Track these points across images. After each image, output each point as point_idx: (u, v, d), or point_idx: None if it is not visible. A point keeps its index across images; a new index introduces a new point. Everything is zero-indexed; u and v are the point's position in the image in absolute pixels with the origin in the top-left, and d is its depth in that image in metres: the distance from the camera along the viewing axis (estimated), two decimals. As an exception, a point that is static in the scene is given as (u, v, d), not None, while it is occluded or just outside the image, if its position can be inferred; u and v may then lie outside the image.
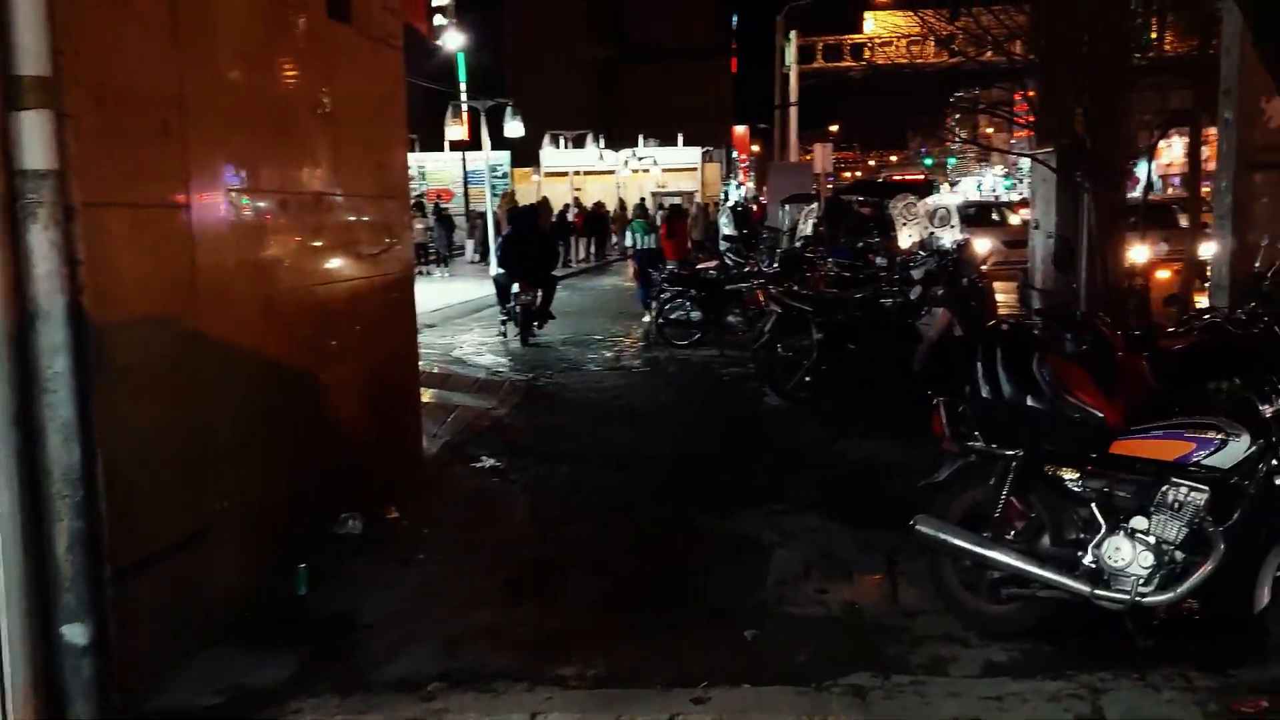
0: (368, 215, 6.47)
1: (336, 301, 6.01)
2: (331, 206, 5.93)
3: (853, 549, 5.45)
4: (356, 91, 6.30)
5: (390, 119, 6.87)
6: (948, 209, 16.65)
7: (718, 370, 11.42)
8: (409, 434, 7.23)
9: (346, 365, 6.13)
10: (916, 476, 6.67)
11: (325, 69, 5.85)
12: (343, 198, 6.08)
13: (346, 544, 5.67)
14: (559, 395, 10.05)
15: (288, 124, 5.42)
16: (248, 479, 4.95)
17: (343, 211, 6.09)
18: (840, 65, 42.76)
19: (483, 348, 13.57)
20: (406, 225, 7.24)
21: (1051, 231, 11.68)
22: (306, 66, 5.62)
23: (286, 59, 5.41)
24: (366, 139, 6.47)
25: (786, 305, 8.84)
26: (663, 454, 7.67)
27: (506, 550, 5.64)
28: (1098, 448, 4.05)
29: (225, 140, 4.77)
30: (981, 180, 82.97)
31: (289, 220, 5.43)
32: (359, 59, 6.35)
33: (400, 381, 7.06)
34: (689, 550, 5.57)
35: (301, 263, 5.59)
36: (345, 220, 6.12)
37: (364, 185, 6.41)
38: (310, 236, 5.68)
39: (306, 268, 5.65)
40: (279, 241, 5.33)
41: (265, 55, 5.18)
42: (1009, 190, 77.44)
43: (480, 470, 7.23)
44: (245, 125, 4.95)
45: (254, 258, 5.05)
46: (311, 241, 5.70)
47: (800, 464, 7.21)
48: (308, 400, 5.69)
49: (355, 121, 6.27)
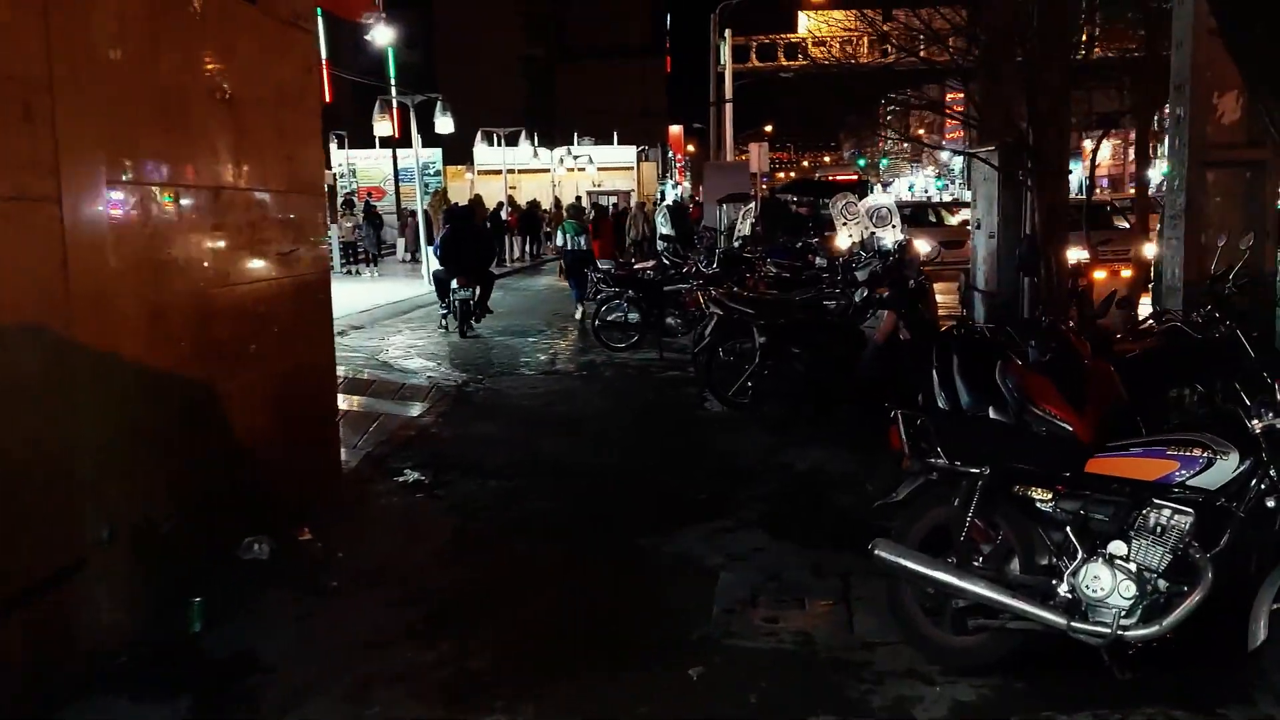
0: (277, 211, 5.95)
1: (240, 306, 5.49)
2: (233, 202, 5.41)
3: (803, 571, 5.07)
4: (262, 77, 5.79)
5: (303, 108, 6.34)
6: (889, 208, 16.39)
7: (656, 374, 11.03)
8: (325, 447, 6.71)
9: (252, 374, 5.62)
10: (867, 489, 6.43)
11: (225, 51, 5.33)
12: (247, 192, 5.56)
13: (252, 571, 5.17)
14: (490, 402, 9.57)
15: (180, 110, 4.90)
16: (133, 504, 4.44)
17: (247, 207, 5.57)
18: (774, 65, 42.65)
19: (411, 350, 13.03)
20: (323, 223, 6.72)
21: (993, 231, 11.47)
22: (202, 47, 5.11)
23: (178, 38, 4.90)
24: (275, 129, 5.96)
25: (727, 308, 8.47)
26: (600, 466, 7.25)
27: (428, 577, 5.17)
28: (1071, 466, 3.71)
29: (104, 127, 4.25)
30: (914, 181, 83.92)
31: (182, 217, 4.91)
32: (265, 41, 5.84)
33: (315, 390, 6.55)
34: (628, 575, 5.15)
35: (198, 264, 5.08)
36: (250, 217, 5.60)
37: (272, 179, 5.90)
38: (208, 235, 5.16)
39: (204, 269, 5.13)
40: (170, 240, 4.81)
41: (152, 33, 4.65)
42: (941, 190, 78.39)
43: (403, 486, 6.75)
44: (128, 111, 4.44)
45: (140, 258, 4.53)
46: (209, 240, 5.18)
47: (745, 475, 6.83)
48: (206, 414, 5.17)
49: (261, 109, 5.76)
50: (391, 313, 17.34)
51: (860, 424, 7.91)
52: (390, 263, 29.08)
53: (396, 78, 26.14)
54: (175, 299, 4.86)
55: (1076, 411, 3.99)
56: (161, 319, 4.72)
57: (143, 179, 4.55)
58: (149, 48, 4.63)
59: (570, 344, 13.59)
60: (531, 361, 12.05)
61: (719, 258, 13.10)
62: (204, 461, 5.10)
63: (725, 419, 8.55)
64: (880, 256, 11.08)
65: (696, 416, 8.83)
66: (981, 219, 12.02)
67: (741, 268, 13.12)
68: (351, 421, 8.22)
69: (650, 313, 12.38)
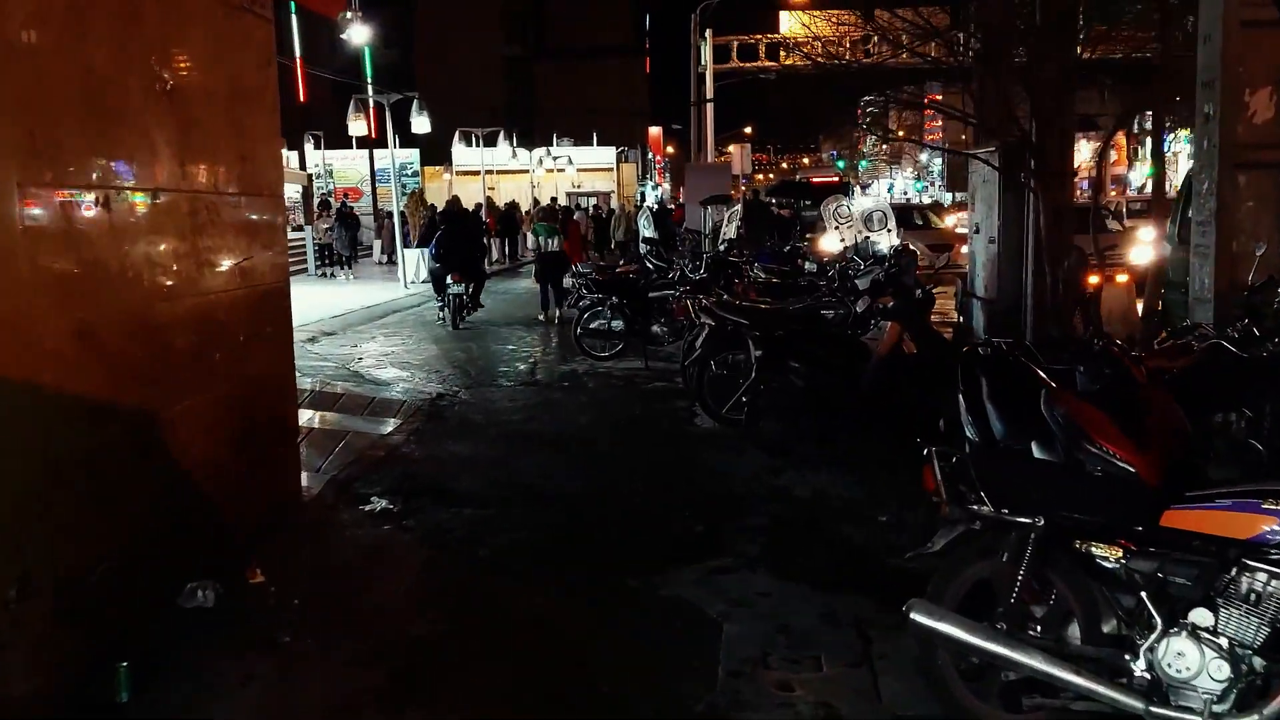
0: (229, 216, 5.36)
1: (185, 321, 4.91)
2: (176, 206, 4.82)
3: (815, 620, 4.53)
4: (212, 67, 5.21)
5: (260, 104, 5.76)
6: (883, 212, 15.84)
7: (642, 386, 10.47)
8: (283, 473, 6.13)
9: (199, 396, 5.04)
10: (876, 520, 5.91)
11: (167, 37, 4.76)
12: (193, 195, 4.97)
13: (195, 621, 4.59)
14: (466, 417, 8.98)
15: (112, 103, 4.31)
16: (49, 552, 3.86)
17: (193, 212, 4.98)
18: (755, 65, 42.16)
19: (385, 359, 12.44)
20: (282, 228, 6.13)
21: (994, 236, 10.98)
22: (139, 32, 4.52)
23: (110, 21, 4.31)
24: (228, 125, 5.38)
25: (720, 318, 7.91)
26: (583, 491, 6.69)
27: (394, 626, 4.60)
28: (1142, 518, 3.18)
29: (15, 121, 3.66)
30: (893, 182, 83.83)
31: (115, 223, 4.32)
32: (216, 28, 5.26)
33: (272, 411, 5.96)
34: (619, 625, 4.59)
35: (135, 275, 4.49)
36: (197, 222, 5.01)
37: (223, 180, 5.32)
38: (146, 243, 4.58)
39: (142, 281, 4.55)
40: (101, 249, 4.23)
41: (77, 14, 4.07)
42: (920, 192, 78.27)
43: (369, 515, 6.16)
44: (47, 102, 3.85)
45: (63, 270, 3.95)
46: (148, 249, 4.59)
47: (742, 503, 6.29)
48: (144, 443, 4.59)
49: (211, 104, 5.18)
50: (366, 318, 16.74)
51: (863, 443, 7.40)
52: (366, 264, 28.43)
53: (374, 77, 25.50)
54: (107, 315, 4.27)
55: (1139, 449, 3.46)
56: (90, 338, 4.13)
57: (65, 180, 3.96)
58: (73, 31, 4.04)
59: (551, 352, 13.02)
60: (511, 371, 11.48)
61: (706, 262, 12.54)
62: (142, 497, 4.52)
63: (718, 436, 8.00)
64: (876, 261, 10.58)
65: (686, 433, 8.28)
66: (981, 223, 11.53)
67: (729, 272, 12.58)
68: (316, 441, 7.63)
69: (635, 320, 11.83)
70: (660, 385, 10.38)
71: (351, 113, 22.25)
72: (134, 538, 4.41)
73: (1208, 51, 6.61)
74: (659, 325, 11.98)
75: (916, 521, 5.54)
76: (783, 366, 7.59)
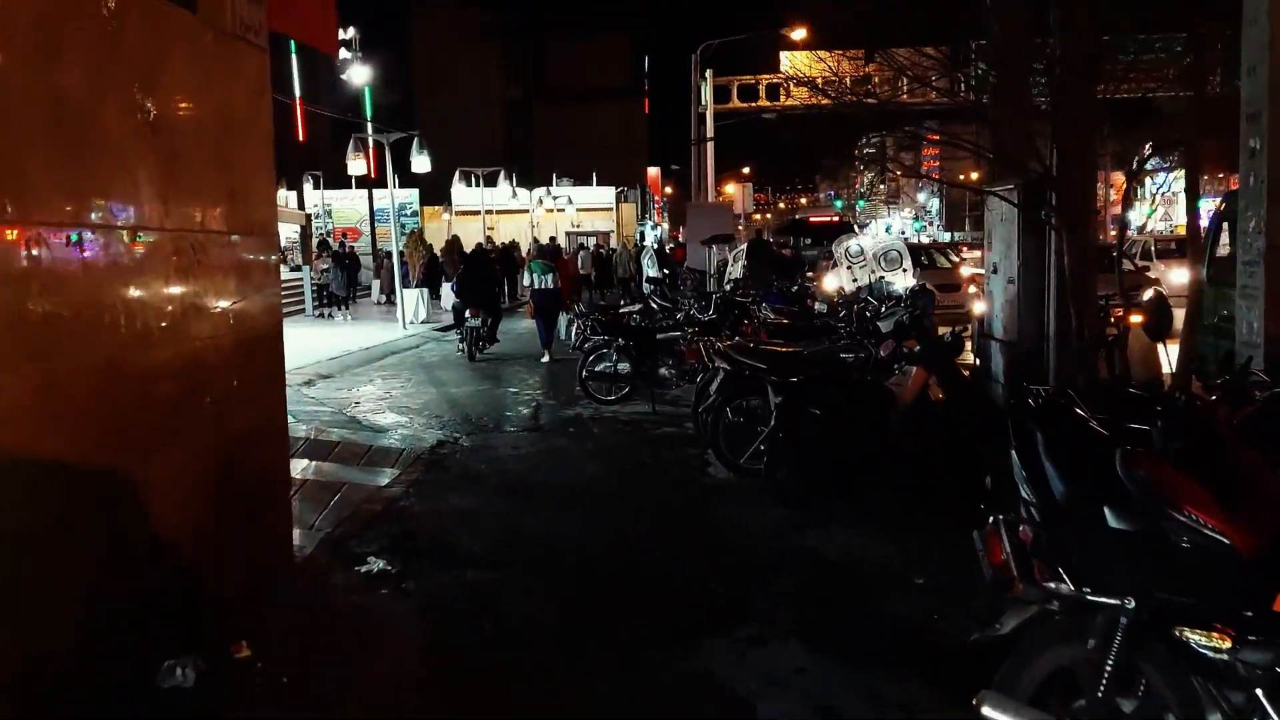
0: (217, 257, 4.98)
1: (165, 372, 4.51)
2: (158, 246, 4.44)
3: (860, 702, 4.09)
4: (200, 97, 4.85)
5: (250, 135, 5.41)
6: (898, 250, 15.44)
7: (651, 431, 10.06)
8: (273, 533, 5.70)
9: (181, 453, 4.63)
10: (913, 583, 5.49)
11: (150, 63, 4.40)
12: (177, 233, 4.60)
13: (175, 702, 4.15)
14: (467, 466, 8.55)
15: (87, 133, 3.95)
16: (11, 639, 3.43)
17: (177, 252, 4.60)
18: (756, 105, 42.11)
19: (383, 403, 12.03)
20: (274, 269, 5.75)
21: (1013, 276, 10.60)
22: (119, 57, 4.17)
23: (85, 45, 3.95)
24: (216, 159, 5.01)
25: (737, 362, 7.51)
26: (595, 550, 6.25)
27: (391, 708, 4.17)
28: (1252, 601, 2.77)
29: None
30: (890, 223, 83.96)
31: (89, 264, 3.94)
32: (204, 55, 4.90)
33: (262, 467, 5.54)
34: (641, 708, 4.15)
35: (110, 322, 4.10)
36: (181, 264, 4.63)
37: (212, 218, 4.94)
38: (123, 286, 4.19)
39: (118, 329, 4.15)
40: (71, 293, 3.84)
41: (46, 36, 3.71)
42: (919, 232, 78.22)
43: (365, 578, 5.72)
44: (9, 130, 3.48)
45: (24, 318, 3.56)
46: (125, 292, 4.21)
47: (767, 565, 5.85)
48: (119, 508, 4.17)
49: (199, 136, 4.82)
50: (364, 359, 16.37)
51: (890, 496, 6.99)
52: (365, 305, 28.12)
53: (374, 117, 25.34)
54: (76, 368, 3.88)
55: (1234, 518, 3.06)
56: (55, 394, 3.74)
57: (29, 216, 3.58)
58: (42, 51, 3.68)
59: (554, 395, 12.62)
60: (513, 416, 11.06)
61: (715, 303, 12.17)
62: (116, 569, 4.11)
63: (734, 489, 7.58)
64: (896, 302, 10.22)
65: (701, 484, 7.85)
66: (998, 263, 11.15)
67: (735, 313, 12.22)
68: (310, 493, 7.21)
69: (642, 362, 11.44)
70: (670, 431, 9.98)
71: (351, 151, 22.00)
72: (104, 614, 4.00)
73: (1253, 84, 6.26)
74: (667, 368, 11.59)
75: (955, 586, 5.13)
76: (803, 414, 7.17)
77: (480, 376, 14.24)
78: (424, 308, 22.16)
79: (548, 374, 14.45)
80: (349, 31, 30.68)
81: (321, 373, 14.56)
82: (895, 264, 14.64)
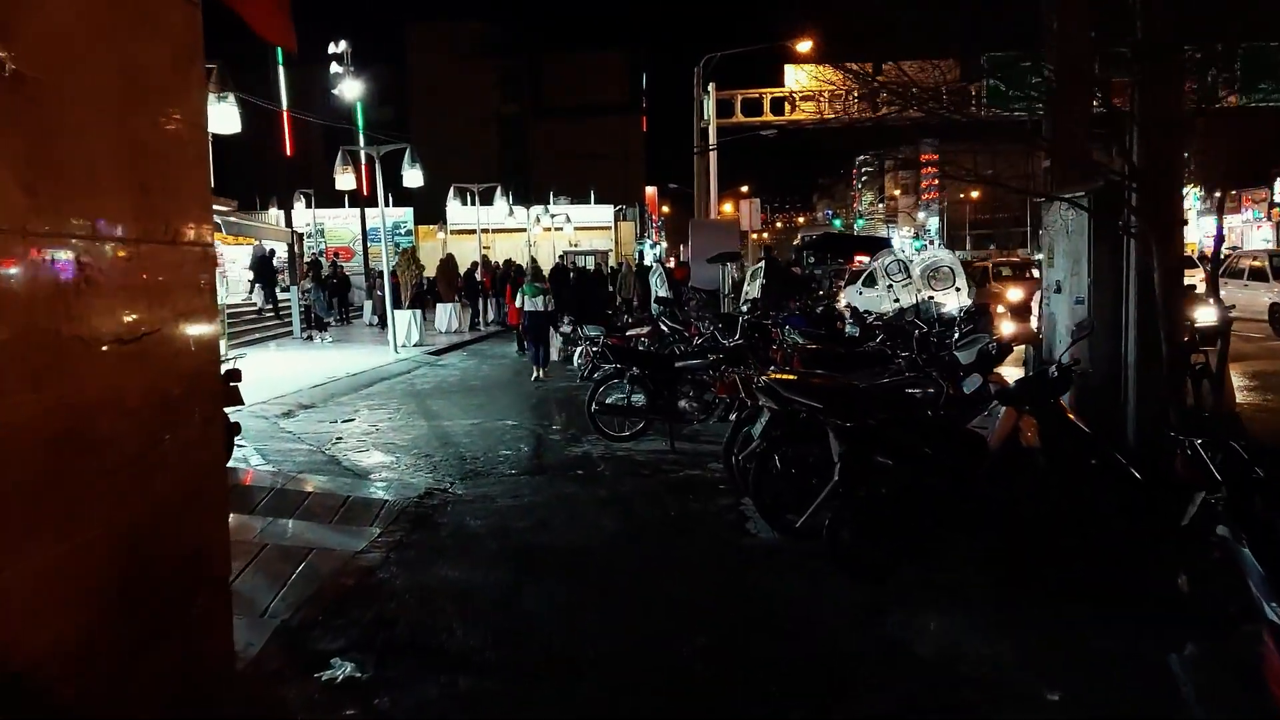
0: (116, 272, 3.66)
1: (33, 430, 3.19)
2: (20, 256, 3.13)
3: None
4: (93, 52, 3.55)
5: (176, 115, 4.10)
6: (949, 266, 13.98)
7: (671, 474, 8.73)
8: (205, 630, 4.36)
9: (53, 546, 3.31)
10: (1046, 701, 4.17)
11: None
12: (53, 239, 3.29)
13: None
14: (460, 523, 7.20)
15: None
16: None
17: (53, 266, 3.29)
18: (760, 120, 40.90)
19: (367, 439, 10.72)
20: (208, 287, 4.43)
21: (1081, 296, 9.29)
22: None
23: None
24: (119, 141, 3.70)
25: (786, 400, 6.19)
26: (619, 645, 4.90)
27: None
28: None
29: None
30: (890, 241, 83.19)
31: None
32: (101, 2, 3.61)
33: (190, 543, 4.21)
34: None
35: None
36: (59, 282, 3.32)
37: (110, 218, 3.63)
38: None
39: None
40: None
41: None
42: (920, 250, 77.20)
43: (327, 689, 4.38)
44: None
45: None
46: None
47: (842, 665, 4.53)
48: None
49: (92, 106, 3.52)
50: (350, 387, 15.07)
51: (978, 567, 5.68)
52: (357, 326, 26.85)
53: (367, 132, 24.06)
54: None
55: None
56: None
57: None
58: None
59: (557, 427, 11.30)
60: (512, 456, 9.73)
61: (741, 326, 10.84)
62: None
63: (785, 553, 6.25)
64: (947, 325, 8.93)
65: (743, 548, 6.50)
66: (1062, 280, 9.85)
67: (756, 337, 10.90)
68: (267, 565, 5.87)
69: (659, 394, 10.11)
70: (694, 475, 8.65)
71: (339, 165, 20.77)
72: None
73: None
74: (687, 400, 10.27)
75: (1104, 702, 3.81)
76: (870, 463, 5.84)
77: (474, 407, 12.92)
78: (416, 330, 20.86)
79: (545, 398, 13.16)
80: (341, 45, 29.58)
81: (303, 402, 13.26)
82: (946, 281, 13.24)
